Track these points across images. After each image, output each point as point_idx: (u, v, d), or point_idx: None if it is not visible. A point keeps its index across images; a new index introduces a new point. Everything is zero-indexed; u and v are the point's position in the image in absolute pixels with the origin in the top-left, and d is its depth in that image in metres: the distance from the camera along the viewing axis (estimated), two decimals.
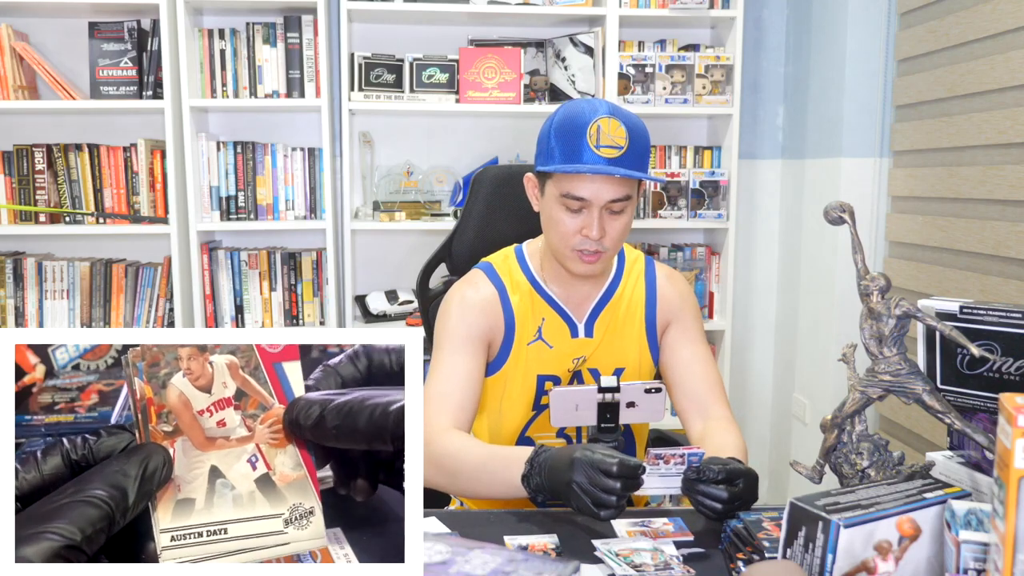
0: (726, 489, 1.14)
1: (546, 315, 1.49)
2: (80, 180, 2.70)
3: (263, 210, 2.77)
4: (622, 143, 1.34)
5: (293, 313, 2.84)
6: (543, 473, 1.17)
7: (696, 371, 1.50)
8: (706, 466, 1.16)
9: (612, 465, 1.09)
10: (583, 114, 1.36)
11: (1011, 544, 0.78)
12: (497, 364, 1.50)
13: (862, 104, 2.63)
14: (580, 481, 1.10)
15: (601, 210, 1.36)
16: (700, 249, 2.97)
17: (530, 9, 2.71)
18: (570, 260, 1.42)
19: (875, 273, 1.09)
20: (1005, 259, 2.09)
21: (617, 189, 1.36)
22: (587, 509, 1.10)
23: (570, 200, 1.36)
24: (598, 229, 1.36)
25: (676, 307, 1.54)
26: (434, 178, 2.93)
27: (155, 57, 2.65)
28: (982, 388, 1.05)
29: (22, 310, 2.75)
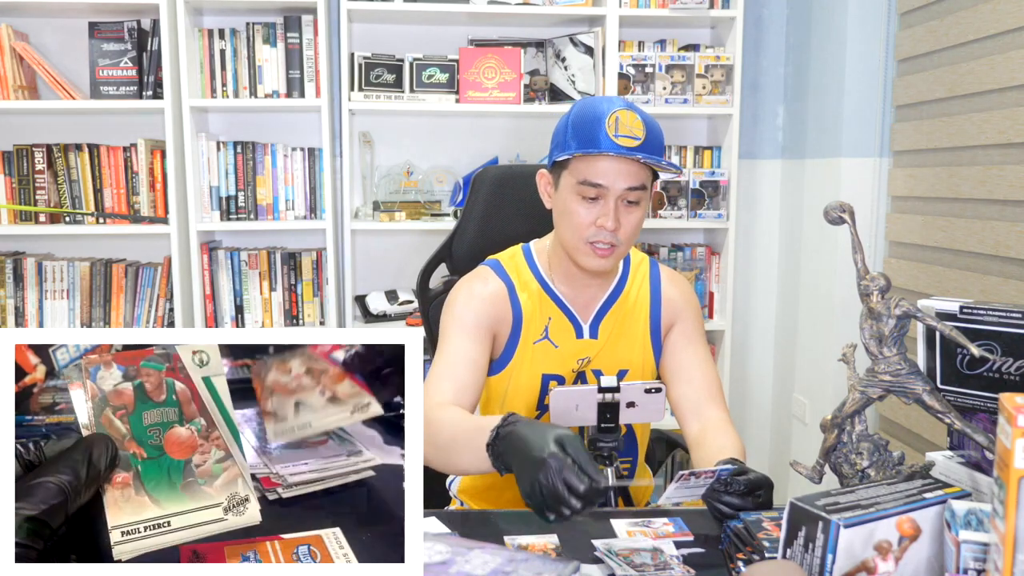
0: (751, 501, 1.16)
1: (553, 314, 1.49)
2: (80, 180, 2.70)
3: (263, 210, 2.77)
4: (640, 134, 1.34)
5: (293, 313, 2.84)
6: (508, 442, 1.10)
7: (695, 373, 1.50)
8: (734, 478, 1.17)
9: (580, 485, 1.00)
10: (600, 106, 1.37)
11: (1011, 544, 0.78)
12: (503, 361, 1.49)
13: (862, 104, 2.63)
14: (543, 482, 1.00)
15: (617, 200, 1.36)
16: (700, 249, 2.97)
17: (530, 9, 2.71)
18: (583, 254, 1.41)
19: (875, 273, 1.09)
20: (1005, 259, 2.09)
21: (634, 177, 1.36)
22: (536, 505, 1.02)
23: (587, 187, 1.36)
24: (613, 219, 1.36)
25: (679, 309, 1.54)
26: (434, 178, 2.93)
27: (155, 57, 2.65)
28: (982, 388, 1.05)
29: (22, 310, 2.75)
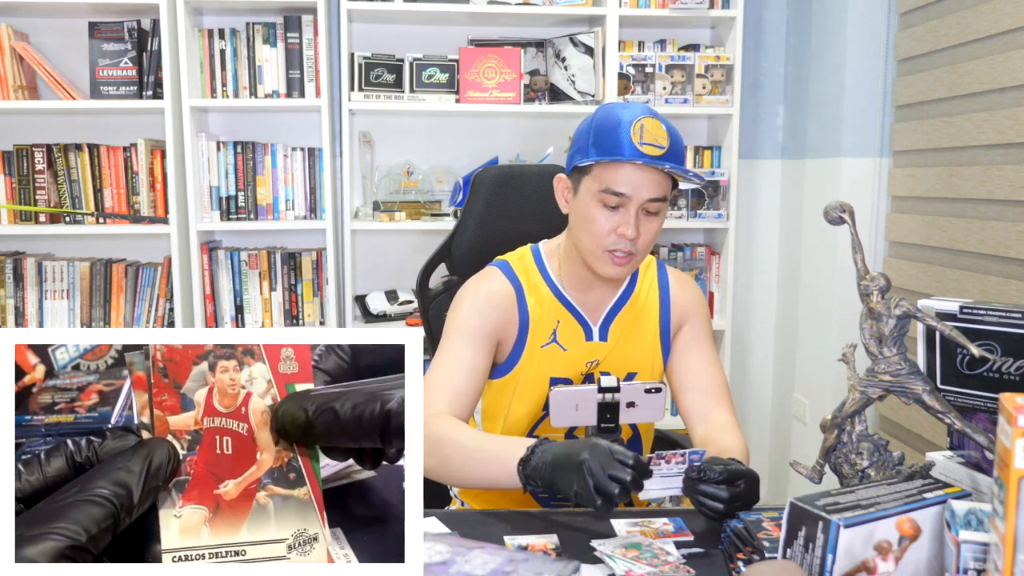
0: (727, 489, 1.14)
1: (562, 317, 1.48)
2: (80, 180, 2.70)
3: (263, 210, 2.77)
4: (664, 143, 1.33)
5: (293, 313, 2.84)
6: (546, 456, 1.15)
7: (703, 375, 1.50)
8: (708, 466, 1.15)
9: (628, 457, 1.10)
10: (625, 113, 1.36)
11: (1011, 544, 0.78)
12: (509, 365, 1.48)
13: (862, 104, 2.63)
14: (592, 464, 1.09)
15: (638, 209, 1.35)
16: (700, 249, 2.97)
17: (530, 9, 2.71)
18: (600, 262, 1.39)
19: (875, 273, 1.09)
20: (1005, 259, 2.09)
21: (657, 188, 1.35)
22: (586, 493, 1.08)
23: (609, 196, 1.34)
24: (634, 228, 1.34)
25: (688, 311, 1.53)
26: (434, 178, 2.93)
27: (155, 57, 2.65)
28: (982, 388, 1.05)
29: (22, 310, 2.75)
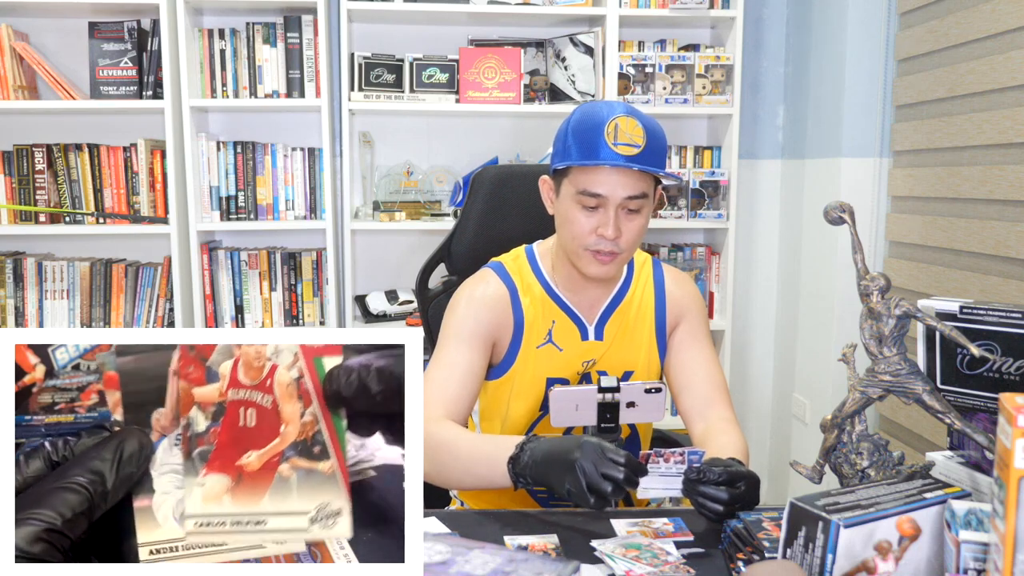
0: (727, 491, 1.13)
1: (557, 318, 1.48)
2: (80, 180, 2.70)
3: (263, 210, 2.77)
4: (640, 142, 1.33)
5: (293, 313, 2.84)
6: (537, 454, 1.16)
7: (700, 373, 1.50)
8: (707, 467, 1.15)
9: (620, 455, 1.10)
10: (600, 113, 1.35)
11: (1011, 544, 0.78)
12: (504, 366, 1.49)
13: (862, 104, 2.63)
14: (584, 463, 1.09)
15: (617, 208, 1.35)
16: (700, 249, 2.97)
17: (530, 9, 2.71)
18: (584, 261, 1.40)
19: (875, 273, 1.09)
20: (1005, 259, 2.09)
21: (634, 186, 1.35)
22: (580, 492, 1.09)
23: (586, 197, 1.35)
24: (614, 228, 1.35)
25: (684, 309, 1.53)
26: (434, 178, 2.93)
27: (155, 57, 2.65)
28: (982, 388, 1.05)
29: (22, 310, 2.75)
